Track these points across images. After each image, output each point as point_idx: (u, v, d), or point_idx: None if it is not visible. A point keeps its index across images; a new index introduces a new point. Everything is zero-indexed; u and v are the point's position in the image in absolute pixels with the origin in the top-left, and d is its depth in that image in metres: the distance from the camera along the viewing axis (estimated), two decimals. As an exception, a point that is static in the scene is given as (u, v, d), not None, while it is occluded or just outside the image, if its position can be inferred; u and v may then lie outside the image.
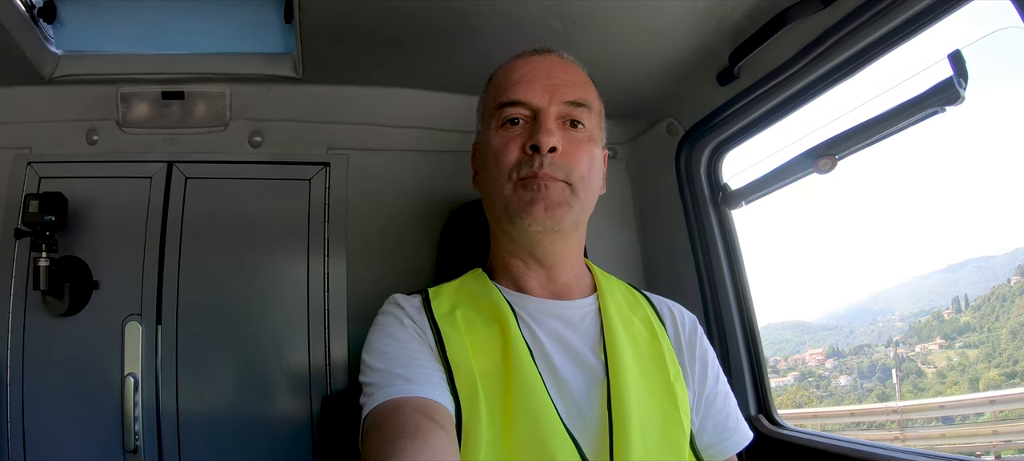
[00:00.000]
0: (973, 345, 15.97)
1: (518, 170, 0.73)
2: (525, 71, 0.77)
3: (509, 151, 0.74)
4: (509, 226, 0.75)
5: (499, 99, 0.77)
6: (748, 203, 1.19)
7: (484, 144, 0.79)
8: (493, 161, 0.75)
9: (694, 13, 0.96)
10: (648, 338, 0.77)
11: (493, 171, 0.75)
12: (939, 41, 0.91)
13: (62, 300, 1.10)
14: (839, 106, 1.00)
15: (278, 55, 1.20)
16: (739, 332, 1.21)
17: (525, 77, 0.76)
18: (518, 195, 0.73)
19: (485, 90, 0.84)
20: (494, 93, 0.79)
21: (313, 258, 1.22)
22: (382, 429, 0.61)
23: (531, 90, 0.75)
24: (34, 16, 1.08)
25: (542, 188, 0.72)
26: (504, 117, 0.75)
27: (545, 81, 0.76)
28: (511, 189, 0.73)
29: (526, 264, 0.79)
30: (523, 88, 0.75)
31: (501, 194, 0.74)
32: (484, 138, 0.79)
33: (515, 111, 0.75)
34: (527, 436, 0.65)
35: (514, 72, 0.78)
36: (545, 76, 0.76)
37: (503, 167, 0.74)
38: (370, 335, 0.75)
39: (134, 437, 1.07)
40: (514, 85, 0.76)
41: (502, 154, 0.74)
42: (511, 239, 0.78)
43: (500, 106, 0.76)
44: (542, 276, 0.79)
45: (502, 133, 0.76)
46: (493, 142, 0.76)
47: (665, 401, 0.72)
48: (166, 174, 1.19)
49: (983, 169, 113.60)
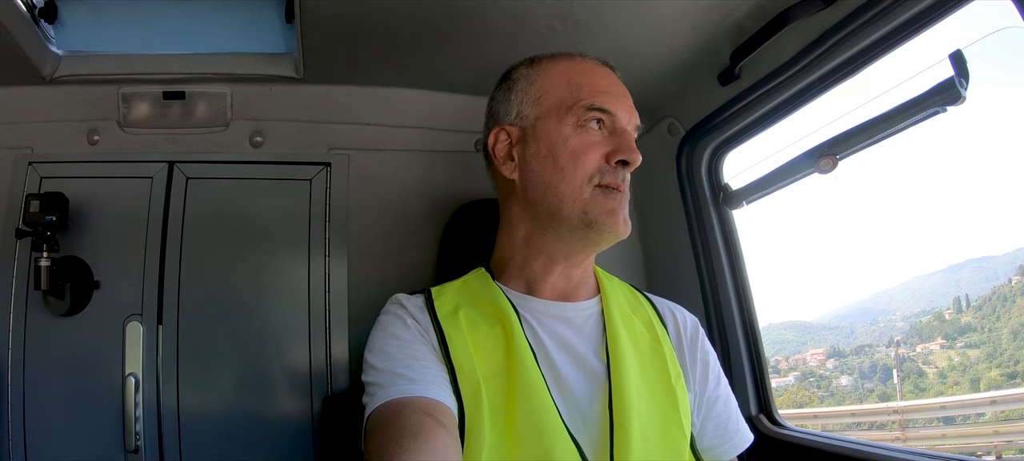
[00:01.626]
0: (974, 345, 15.96)
1: (601, 177, 0.73)
2: (606, 83, 0.77)
3: (591, 154, 0.73)
4: (580, 229, 0.73)
5: (586, 100, 0.75)
6: (749, 203, 1.19)
7: (550, 136, 0.75)
8: (570, 159, 0.73)
9: (695, 13, 0.96)
10: (650, 340, 0.77)
11: (568, 169, 0.73)
12: (940, 41, 0.91)
13: (63, 300, 1.10)
14: (840, 106, 1.00)
15: (279, 55, 1.20)
16: (740, 332, 1.21)
17: (610, 89, 0.77)
18: (599, 202, 0.73)
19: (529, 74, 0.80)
20: (568, 87, 0.76)
21: (314, 258, 1.22)
22: (385, 429, 0.61)
23: (620, 105, 0.76)
24: (35, 16, 1.08)
25: (623, 201, 0.75)
26: (589, 118, 0.74)
27: (625, 101, 0.78)
28: (591, 193, 0.73)
29: (550, 265, 0.78)
30: (613, 101, 0.76)
31: (578, 195, 0.73)
32: (548, 129, 0.75)
33: (602, 117, 0.75)
34: (529, 437, 0.65)
35: (595, 77, 0.77)
36: (623, 95, 0.78)
37: (584, 168, 0.73)
38: (373, 335, 0.75)
39: (135, 437, 1.07)
40: (602, 93, 0.75)
41: (584, 156, 0.73)
42: (559, 239, 0.76)
43: (591, 108, 0.74)
44: (561, 278, 0.78)
45: (583, 134, 0.74)
46: (571, 140, 0.74)
47: (666, 403, 0.72)
48: (167, 174, 1.19)
49: (984, 169, 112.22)
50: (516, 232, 0.79)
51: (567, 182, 0.73)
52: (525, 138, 0.77)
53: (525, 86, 0.79)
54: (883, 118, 0.91)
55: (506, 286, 0.79)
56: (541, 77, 0.79)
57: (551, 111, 0.76)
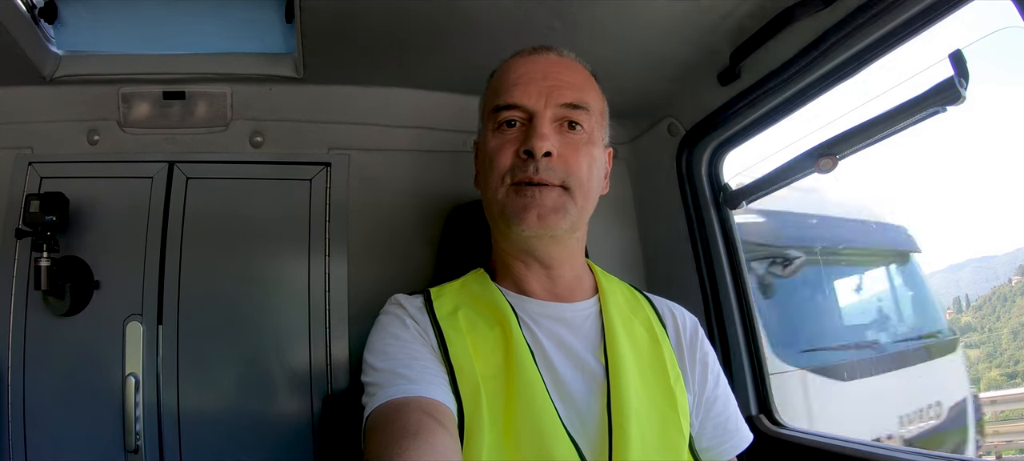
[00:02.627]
0: (974, 345, 15.96)
1: (512, 174, 0.73)
2: (521, 73, 0.76)
3: (503, 154, 0.74)
4: (505, 229, 0.76)
5: (495, 101, 0.76)
6: (749, 203, 1.19)
7: (482, 146, 0.79)
8: (489, 164, 0.76)
9: (695, 12, 0.96)
10: (649, 341, 0.77)
11: (488, 174, 0.76)
12: (940, 41, 0.91)
13: (63, 300, 1.10)
14: (840, 106, 1.00)
15: (279, 55, 1.20)
16: (740, 332, 1.21)
17: (522, 79, 0.75)
18: (511, 200, 0.73)
19: (486, 89, 0.83)
20: (491, 94, 0.79)
21: (314, 258, 1.22)
22: (385, 429, 0.61)
23: (526, 92, 0.74)
24: (35, 16, 1.08)
25: (536, 194, 0.71)
26: (499, 120, 0.75)
27: (541, 83, 0.74)
28: (504, 193, 0.74)
29: (527, 265, 0.79)
30: (519, 90, 0.74)
31: (496, 197, 0.75)
32: (482, 140, 0.80)
33: (510, 114, 0.75)
34: (528, 438, 0.65)
35: (511, 73, 0.77)
36: (541, 77, 0.75)
37: (497, 170, 0.74)
38: (372, 335, 0.75)
39: (135, 437, 1.07)
40: (510, 88, 0.75)
41: (496, 157, 0.74)
42: (509, 241, 0.78)
43: (496, 109, 0.76)
44: (543, 277, 0.79)
45: (498, 136, 0.76)
46: (489, 143, 0.76)
47: (664, 404, 0.72)
48: (167, 174, 1.19)
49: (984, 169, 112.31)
50: (494, 238, 0.83)
51: (489, 186, 0.76)
52: (477, 152, 0.84)
53: (482, 101, 0.83)
54: (883, 118, 0.91)
55: (503, 287, 0.79)
56: (487, 91, 0.82)
57: (484, 121, 0.80)
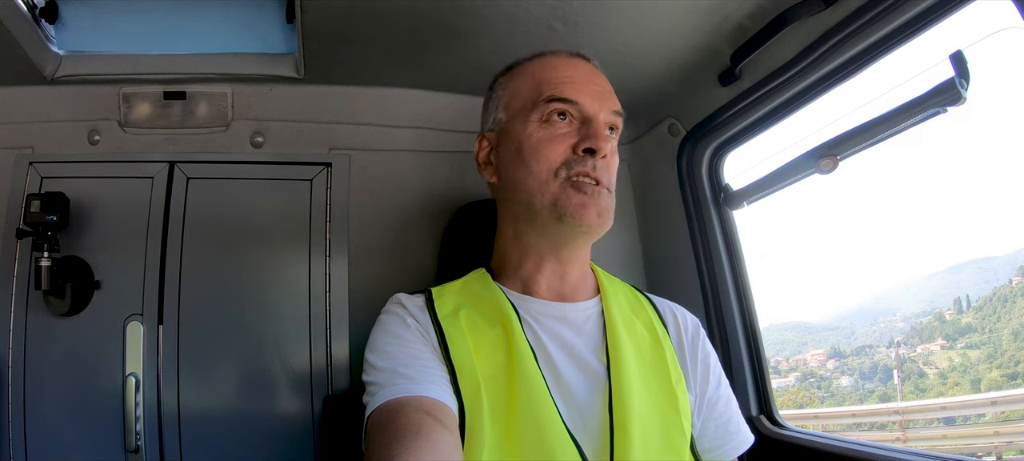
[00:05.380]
0: (974, 346, 15.96)
1: (567, 168, 0.72)
2: (571, 73, 0.76)
3: (555, 147, 0.73)
4: (552, 223, 0.73)
5: (546, 93, 0.74)
6: (750, 203, 1.19)
7: (517, 135, 0.76)
8: (533, 154, 0.73)
9: (696, 13, 0.96)
10: (650, 341, 0.77)
11: (533, 165, 0.73)
12: (941, 42, 0.91)
13: (64, 300, 1.10)
14: (841, 106, 1.00)
15: (280, 55, 1.20)
16: (740, 333, 1.21)
17: (574, 79, 0.75)
18: (567, 194, 0.71)
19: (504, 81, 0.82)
20: (532, 85, 0.77)
21: (315, 258, 1.22)
22: (386, 428, 0.61)
23: (584, 93, 0.74)
24: (36, 16, 1.08)
25: (596, 192, 0.72)
26: (551, 111, 0.74)
27: (594, 87, 0.76)
28: (559, 187, 0.72)
29: (541, 263, 0.78)
30: (575, 90, 0.74)
31: (546, 190, 0.72)
32: (516, 129, 0.76)
33: (565, 107, 0.74)
34: (529, 438, 0.65)
35: (560, 70, 0.77)
36: (591, 82, 0.76)
37: (547, 162, 0.72)
38: (373, 334, 0.75)
39: (135, 437, 1.07)
40: (564, 83, 0.75)
41: (545, 149, 0.73)
42: (539, 235, 0.76)
43: (550, 100, 0.74)
44: (554, 276, 0.78)
45: (547, 128, 0.74)
46: (534, 134, 0.74)
47: (666, 405, 0.72)
48: (168, 174, 1.20)
49: (984, 170, 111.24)
50: (507, 233, 0.81)
51: (533, 177, 0.73)
52: (500, 141, 0.80)
53: (500, 93, 0.81)
54: (884, 119, 0.91)
55: (505, 287, 0.78)
56: (513, 81, 0.80)
57: (519, 112, 0.77)
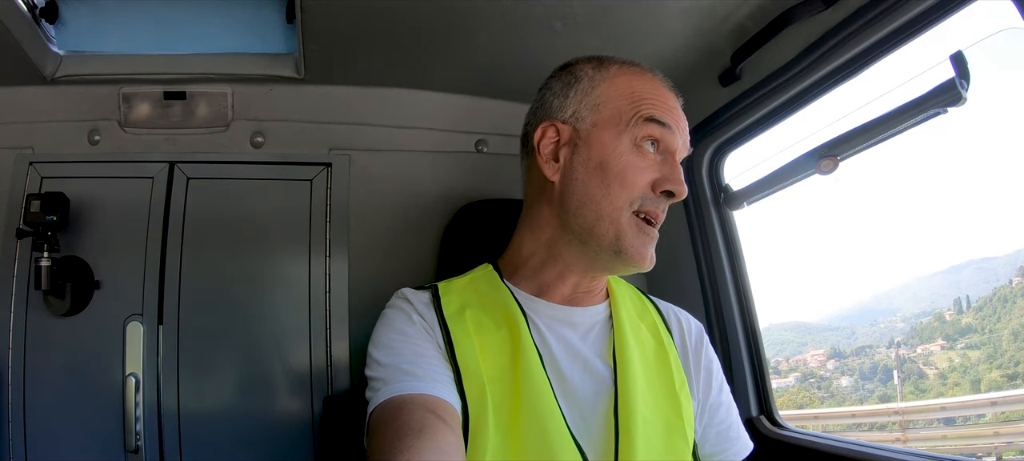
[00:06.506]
0: (974, 346, 15.96)
1: (642, 203, 0.70)
2: (672, 104, 0.73)
3: (640, 177, 0.70)
4: (606, 253, 0.71)
5: (646, 111, 0.70)
6: (750, 204, 1.19)
7: (604, 148, 0.71)
8: (617, 178, 0.69)
9: (696, 13, 0.96)
10: (655, 346, 0.77)
11: (615, 189, 0.69)
12: (941, 42, 0.91)
13: (63, 300, 1.10)
14: (841, 107, 1.00)
15: (280, 55, 1.20)
16: (740, 333, 1.21)
17: (674, 110, 0.73)
18: (632, 233, 0.70)
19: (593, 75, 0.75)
20: (630, 98, 0.72)
21: (314, 258, 1.22)
22: (388, 425, 0.60)
23: (679, 127, 0.72)
24: (36, 16, 1.08)
25: (655, 236, 0.72)
26: (646, 135, 0.70)
27: (683, 124, 0.74)
28: (629, 221, 0.70)
29: (566, 274, 0.75)
30: (674, 119, 0.72)
31: (616, 219, 0.69)
32: (604, 140, 0.71)
33: (661, 134, 0.71)
34: (533, 441, 0.64)
35: (659, 91, 0.73)
36: (682, 118, 0.74)
37: (629, 192, 0.69)
38: (377, 328, 0.74)
39: (135, 437, 1.07)
40: (666, 110, 0.72)
41: (631, 176, 0.69)
42: (581, 254, 0.73)
43: (649, 120, 0.70)
44: (572, 286, 0.76)
45: (638, 154, 0.70)
46: (623, 156, 0.70)
47: (669, 410, 0.72)
48: (168, 174, 1.19)
49: (984, 170, 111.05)
50: (540, 234, 0.76)
51: (609, 201, 0.69)
52: (577, 142, 0.73)
53: (587, 87, 0.74)
54: (884, 119, 0.91)
55: (515, 286, 0.77)
56: (606, 83, 0.74)
57: (610, 121, 0.71)
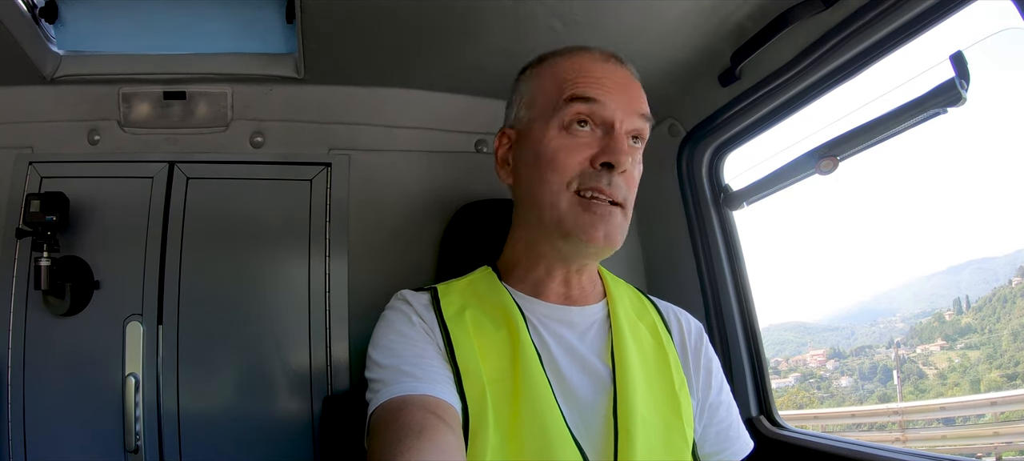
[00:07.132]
0: (974, 346, 15.95)
1: (580, 181, 0.68)
2: (601, 75, 0.71)
3: (570, 157, 0.69)
4: (558, 239, 0.70)
5: (571, 90, 0.69)
6: (750, 204, 1.19)
7: (536, 139, 0.71)
8: (549, 164, 0.69)
9: (696, 14, 0.96)
10: (654, 346, 0.77)
11: (548, 175, 0.69)
12: (941, 42, 0.91)
13: (63, 300, 1.10)
14: (841, 107, 1.00)
15: (280, 55, 1.20)
16: (740, 333, 1.21)
17: (603, 82, 0.70)
18: (576, 212, 0.68)
19: (531, 74, 0.77)
20: (557, 84, 0.72)
21: (314, 258, 1.22)
22: (389, 426, 0.60)
23: (610, 95, 0.69)
24: (36, 16, 1.08)
25: (606, 212, 0.68)
26: (573, 114, 0.69)
27: (622, 93, 0.71)
28: (568, 202, 0.68)
29: (551, 270, 0.76)
30: (600, 89, 0.69)
31: (555, 204, 0.69)
32: (536, 132, 0.72)
33: (590, 110, 0.69)
34: (533, 441, 0.64)
35: (588, 70, 0.71)
36: (620, 88, 0.71)
37: (562, 174, 0.68)
38: (377, 330, 0.74)
39: (135, 437, 1.07)
40: (588, 83, 0.70)
41: (561, 159, 0.69)
42: (549, 246, 0.73)
43: (571, 99, 0.69)
44: (563, 283, 0.77)
45: (566, 135, 0.70)
46: (552, 141, 0.69)
47: (669, 409, 0.72)
48: (167, 174, 1.19)
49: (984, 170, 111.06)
50: (519, 236, 0.78)
51: (546, 188, 0.69)
52: (520, 141, 0.75)
53: (525, 88, 0.77)
54: (884, 119, 0.91)
55: (513, 288, 0.77)
56: (537, 77, 0.76)
57: (541, 113, 0.72)
